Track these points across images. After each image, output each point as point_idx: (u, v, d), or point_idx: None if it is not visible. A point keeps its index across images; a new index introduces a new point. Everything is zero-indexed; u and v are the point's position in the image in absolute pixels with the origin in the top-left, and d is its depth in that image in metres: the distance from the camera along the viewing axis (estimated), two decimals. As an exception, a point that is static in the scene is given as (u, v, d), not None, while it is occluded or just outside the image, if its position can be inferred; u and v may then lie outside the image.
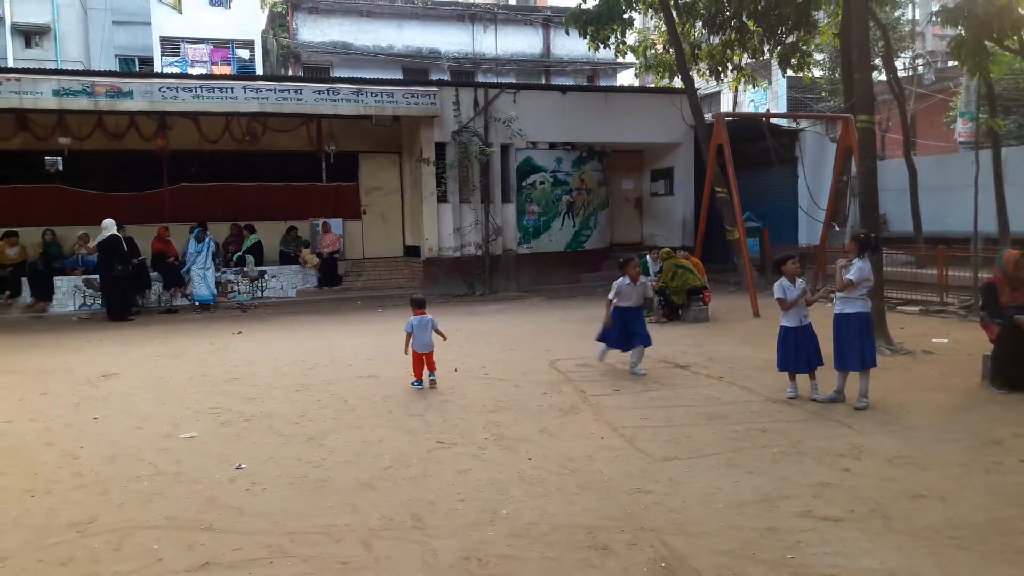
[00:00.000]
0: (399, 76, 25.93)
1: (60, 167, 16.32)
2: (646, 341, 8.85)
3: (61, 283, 15.14)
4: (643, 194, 21.68)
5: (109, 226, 14.44)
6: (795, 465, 5.57)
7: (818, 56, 22.77)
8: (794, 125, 21.43)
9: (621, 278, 8.91)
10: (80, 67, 24.73)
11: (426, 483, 5.38)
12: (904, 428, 6.42)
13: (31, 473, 5.72)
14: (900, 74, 20.61)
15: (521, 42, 29.79)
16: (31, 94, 13.84)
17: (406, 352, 8.40)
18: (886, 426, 6.49)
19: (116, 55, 28.97)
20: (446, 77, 26.69)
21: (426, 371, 8.35)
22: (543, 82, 28.77)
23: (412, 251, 18.44)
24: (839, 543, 4.27)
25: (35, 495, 5.27)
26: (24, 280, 15.05)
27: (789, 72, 19.90)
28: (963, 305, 12.71)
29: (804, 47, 18.52)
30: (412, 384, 8.33)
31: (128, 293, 14.81)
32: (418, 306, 8.59)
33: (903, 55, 26.28)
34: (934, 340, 10.30)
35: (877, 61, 18.57)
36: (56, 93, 13.94)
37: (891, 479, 5.25)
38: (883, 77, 19.67)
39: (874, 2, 15.63)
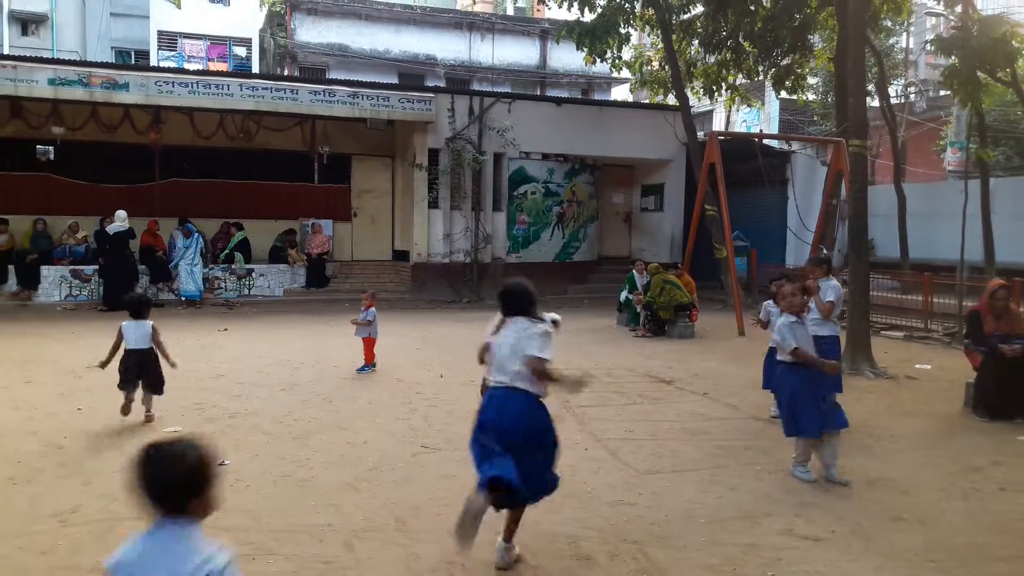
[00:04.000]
0: (395, 80, 25.94)
1: (52, 156, 16.25)
2: (842, 422, 5.69)
3: (48, 272, 15.04)
4: (633, 209, 21.78)
5: (123, 217, 14.67)
6: (778, 483, 5.61)
7: (812, 79, 22.98)
8: (786, 147, 21.57)
9: (783, 316, 5.86)
10: (76, 57, 24.65)
11: (410, 487, 5.39)
12: (885, 452, 6.48)
13: (14, 461, 5.69)
14: (892, 101, 20.84)
15: (517, 52, 29.90)
16: (26, 82, 13.79)
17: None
18: (868, 449, 6.54)
19: (112, 47, 28.85)
20: (442, 84, 26.73)
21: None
22: (538, 93, 28.88)
23: (401, 255, 18.45)
24: (819, 562, 4.32)
25: (17, 483, 5.24)
26: (11, 268, 14.95)
27: (783, 94, 20.09)
28: (947, 332, 12.84)
29: (799, 70, 18.74)
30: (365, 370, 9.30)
31: (131, 283, 14.87)
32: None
33: (896, 82, 26.57)
34: (917, 366, 10.41)
35: (870, 87, 18.77)
36: (52, 82, 13.89)
37: (872, 501, 5.30)
38: (876, 103, 19.89)
39: (870, 29, 15.81)
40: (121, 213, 14.77)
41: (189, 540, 2.16)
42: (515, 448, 4.01)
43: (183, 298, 15.41)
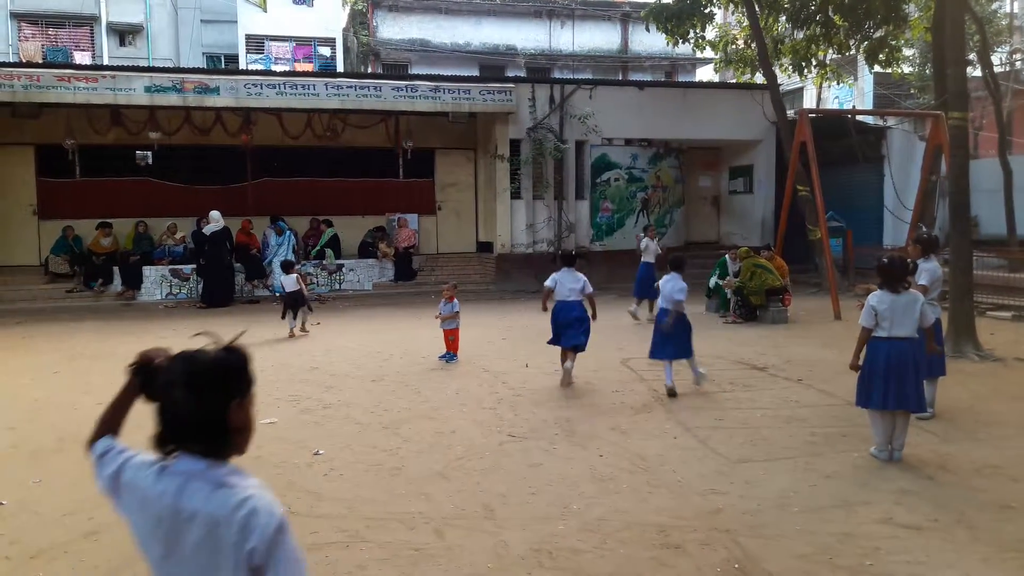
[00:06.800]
0: (476, 73, 26.07)
1: (150, 161, 16.96)
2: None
3: (149, 272, 15.78)
4: (721, 192, 21.31)
5: (217, 217, 15.32)
6: (876, 471, 5.41)
7: (907, 51, 21.94)
8: (881, 122, 20.71)
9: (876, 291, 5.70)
10: (170, 64, 25.70)
11: (497, 475, 5.43)
12: (993, 437, 6.16)
13: (123, 452, 5.98)
14: (996, 69, 19.70)
15: (598, 38, 29.61)
16: (125, 91, 14.49)
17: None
18: (973, 435, 6.24)
19: (204, 53, 29.96)
20: (522, 73, 26.71)
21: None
22: (620, 78, 28.53)
23: (485, 247, 18.56)
24: (921, 552, 4.14)
25: (126, 473, 5.51)
26: (115, 269, 15.75)
27: (876, 68, 19.24)
28: (1060, 312, 12.11)
29: (893, 42, 17.88)
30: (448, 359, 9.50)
31: (230, 281, 15.48)
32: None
33: (1000, 50, 25.10)
34: (1028, 347, 9.85)
35: (972, 56, 17.79)
36: (148, 90, 14.55)
37: (978, 489, 5.05)
38: (978, 73, 18.87)
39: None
40: (215, 213, 15.34)
41: None
42: None
43: (277, 294, 15.88)
